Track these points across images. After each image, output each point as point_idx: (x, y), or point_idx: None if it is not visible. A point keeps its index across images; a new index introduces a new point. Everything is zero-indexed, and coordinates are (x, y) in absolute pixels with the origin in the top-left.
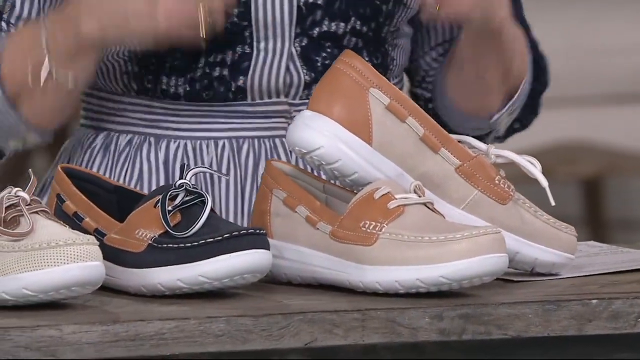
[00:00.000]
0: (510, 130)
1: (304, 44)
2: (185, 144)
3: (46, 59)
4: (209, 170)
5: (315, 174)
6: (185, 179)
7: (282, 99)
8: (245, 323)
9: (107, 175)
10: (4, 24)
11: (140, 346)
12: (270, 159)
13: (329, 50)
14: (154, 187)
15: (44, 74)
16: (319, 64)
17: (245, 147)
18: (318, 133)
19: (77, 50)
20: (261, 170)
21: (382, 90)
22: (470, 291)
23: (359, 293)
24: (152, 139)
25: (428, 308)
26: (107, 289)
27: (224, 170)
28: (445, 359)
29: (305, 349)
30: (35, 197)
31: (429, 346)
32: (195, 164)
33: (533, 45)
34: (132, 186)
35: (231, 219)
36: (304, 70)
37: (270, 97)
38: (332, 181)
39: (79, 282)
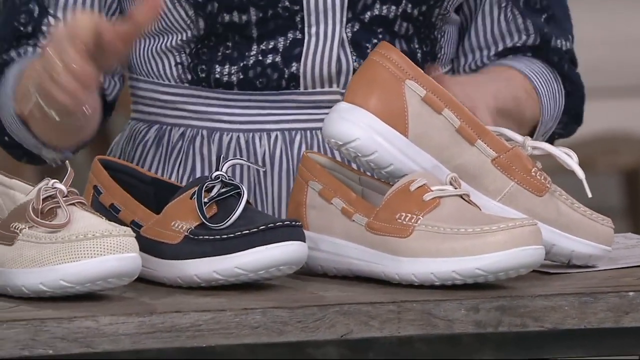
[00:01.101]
0: (553, 138)
1: (355, 29)
2: (238, 137)
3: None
4: (245, 162)
5: (352, 165)
6: (221, 170)
7: (334, 88)
8: (281, 315)
9: (160, 169)
10: (51, 19)
11: (176, 338)
12: (306, 151)
13: (380, 36)
14: None
15: (31, 106)
16: (368, 51)
17: (297, 139)
18: (354, 125)
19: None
20: None
21: (418, 82)
22: (506, 283)
23: (395, 285)
24: (204, 132)
25: (464, 300)
26: (143, 280)
27: (276, 163)
28: (481, 351)
29: (341, 341)
30: (73, 189)
31: (465, 338)
32: (248, 156)
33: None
34: (185, 180)
35: (283, 212)
36: (354, 57)
37: (322, 85)
38: (368, 173)
39: (115, 273)
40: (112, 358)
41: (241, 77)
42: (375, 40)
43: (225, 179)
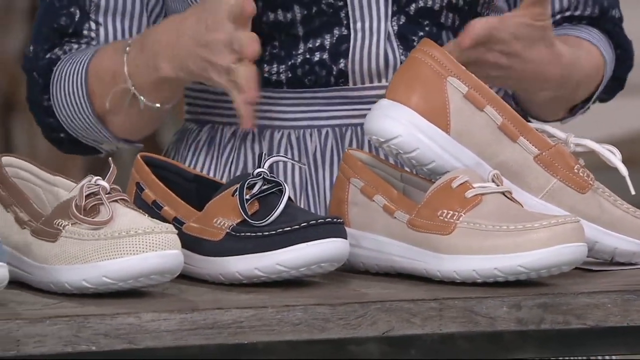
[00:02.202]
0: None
1: (401, 22)
2: (289, 134)
3: (130, 87)
4: (287, 159)
5: (393, 162)
6: (262, 167)
7: (383, 82)
8: (322, 312)
9: (212, 168)
10: (92, 24)
11: (218, 334)
12: (348, 148)
13: (426, 28)
14: None
15: (127, 100)
16: (415, 44)
17: (348, 134)
18: (396, 122)
19: (157, 84)
20: None
21: (460, 79)
22: (548, 280)
23: (437, 282)
24: (255, 130)
25: (506, 297)
26: (185, 277)
27: (327, 159)
28: (523, 349)
29: (382, 338)
30: (115, 186)
31: (507, 335)
32: (299, 153)
33: (615, 31)
34: (226, 176)
35: None
36: (400, 50)
37: (371, 81)
38: (410, 170)
39: (157, 270)
40: (154, 354)
41: (289, 75)
42: (422, 33)
43: (267, 175)
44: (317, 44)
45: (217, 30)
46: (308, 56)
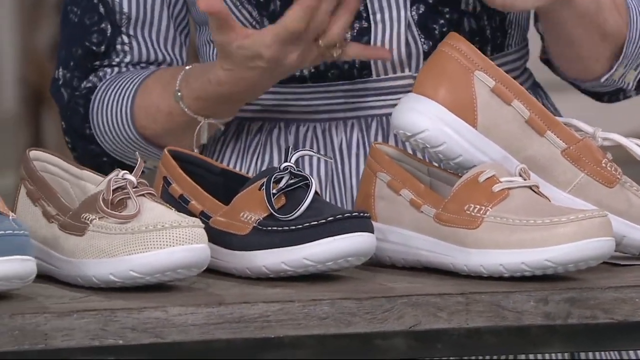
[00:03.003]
0: None
1: (420, 11)
2: (315, 127)
3: (203, 122)
4: (313, 153)
5: (420, 156)
6: (289, 161)
7: (406, 72)
8: (349, 306)
9: (238, 162)
10: (125, 37)
11: (244, 328)
12: (375, 142)
13: (447, 16)
14: None
15: (204, 132)
16: (436, 32)
17: (373, 125)
18: (423, 116)
19: (221, 97)
20: None
21: (487, 73)
22: (575, 275)
23: (463, 276)
24: (282, 124)
25: (533, 292)
26: (212, 271)
27: (353, 151)
28: (550, 343)
29: (409, 332)
30: (142, 180)
31: (534, 330)
32: (325, 146)
33: None
34: (252, 171)
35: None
36: (422, 39)
37: (394, 71)
38: (437, 164)
39: (184, 264)
40: (180, 348)
41: (312, 70)
42: (442, 21)
43: (294, 170)
44: None
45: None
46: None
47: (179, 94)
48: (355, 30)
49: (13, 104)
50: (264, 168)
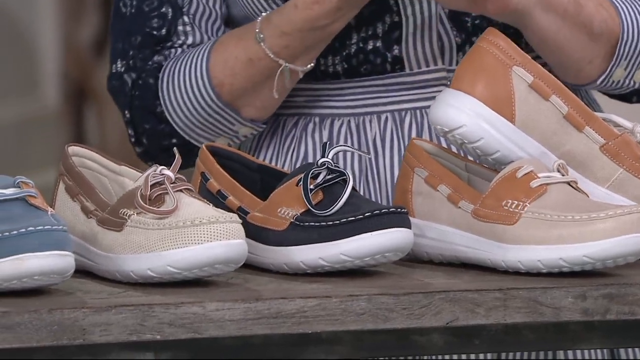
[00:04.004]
0: None
1: None
2: (349, 121)
3: (284, 65)
4: (350, 149)
5: (457, 152)
6: (326, 157)
7: (439, 65)
8: (386, 301)
9: (274, 157)
10: (186, 18)
11: (282, 324)
12: (413, 138)
13: None
14: None
15: (286, 78)
16: (468, 24)
17: (407, 119)
18: (460, 112)
19: (304, 31)
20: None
21: (525, 68)
22: (614, 271)
23: (501, 272)
24: (316, 119)
25: (571, 287)
26: (249, 266)
27: (387, 144)
28: (588, 340)
29: (446, 328)
30: (180, 176)
31: (572, 326)
32: (359, 140)
33: None
34: (298, 166)
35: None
36: (454, 32)
37: (427, 64)
38: (474, 160)
39: (222, 259)
40: (217, 344)
41: (345, 66)
42: (475, 14)
43: (331, 165)
44: (370, 33)
45: None
46: (362, 45)
47: (261, 35)
48: (387, 25)
49: (55, 100)
50: (299, 162)
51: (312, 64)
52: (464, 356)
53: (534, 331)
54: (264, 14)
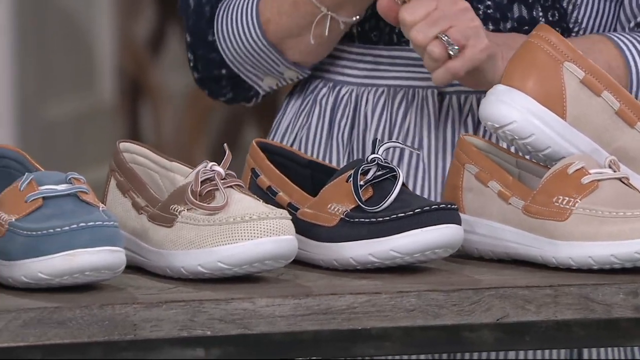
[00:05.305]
0: None
1: None
2: (352, 91)
3: (325, 11)
4: (401, 145)
5: (508, 148)
6: (376, 153)
7: None
8: (436, 298)
9: (295, 120)
10: None
11: (331, 320)
12: (463, 134)
13: None
14: (318, 132)
15: (325, 26)
16: (480, 12)
17: (399, 96)
18: (511, 108)
19: None
20: (409, 121)
21: (576, 64)
22: None
23: (552, 268)
24: (331, 84)
25: (622, 284)
26: (299, 262)
27: (375, 120)
28: None
29: (497, 325)
30: (230, 172)
31: (623, 323)
32: (354, 111)
33: None
34: (298, 129)
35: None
36: None
37: None
38: (525, 156)
39: (272, 255)
40: (267, 340)
41: (359, 29)
42: (489, 2)
43: (381, 161)
44: None
45: None
46: (375, 11)
47: None
48: None
49: (111, 96)
50: (304, 131)
51: (357, 18)
52: (458, 355)
53: (585, 328)
54: None
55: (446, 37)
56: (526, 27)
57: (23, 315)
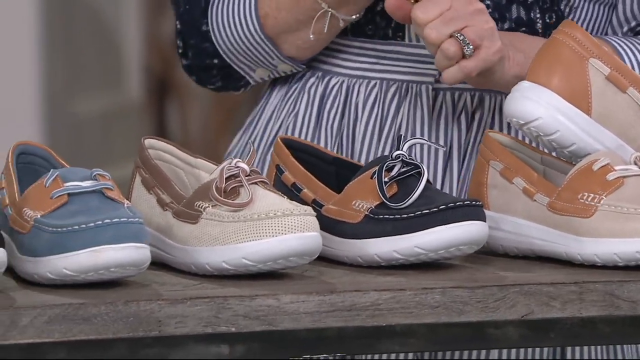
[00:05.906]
0: None
1: None
2: (343, 82)
3: (326, 7)
4: (425, 142)
5: (533, 145)
6: (401, 149)
7: None
8: (460, 294)
9: (279, 106)
10: None
11: (356, 316)
12: (487, 130)
13: None
14: (306, 120)
15: (325, 22)
16: None
17: (392, 90)
18: (536, 104)
19: None
20: (402, 115)
21: (602, 60)
22: None
23: (577, 265)
24: (319, 74)
25: None
26: (324, 259)
27: (367, 112)
28: None
29: (521, 321)
30: (255, 168)
31: None
32: (345, 102)
33: None
34: (284, 116)
35: (365, 151)
36: None
37: None
38: (550, 152)
39: (296, 252)
40: (292, 336)
41: (354, 22)
42: (488, 2)
43: (406, 158)
44: None
45: None
46: (371, 5)
47: None
48: None
49: (138, 93)
50: (291, 118)
51: (357, 16)
52: (441, 354)
53: (610, 325)
54: None
55: (462, 37)
56: (523, 28)
57: (48, 311)
